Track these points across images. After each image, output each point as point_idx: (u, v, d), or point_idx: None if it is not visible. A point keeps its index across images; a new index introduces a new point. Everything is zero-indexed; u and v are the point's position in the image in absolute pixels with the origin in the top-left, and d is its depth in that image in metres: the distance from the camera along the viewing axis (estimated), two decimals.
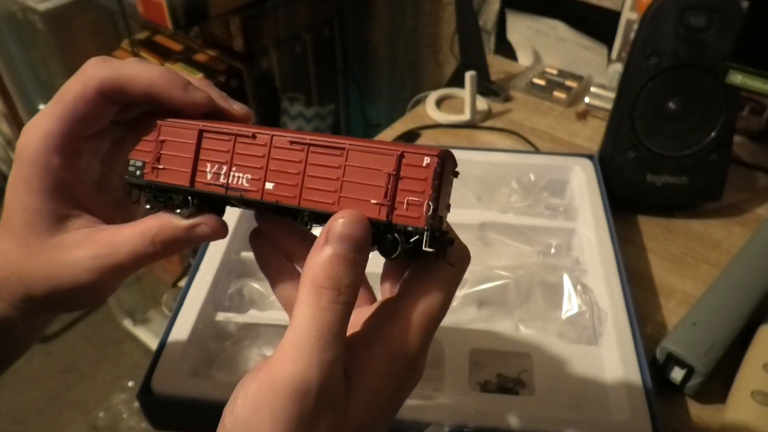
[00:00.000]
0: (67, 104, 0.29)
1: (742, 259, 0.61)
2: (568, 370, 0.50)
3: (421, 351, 0.27)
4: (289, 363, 0.24)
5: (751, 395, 0.48)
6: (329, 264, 0.25)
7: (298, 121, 1.33)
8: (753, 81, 0.56)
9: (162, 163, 0.30)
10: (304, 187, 0.27)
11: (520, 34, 1.02)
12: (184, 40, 1.28)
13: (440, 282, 0.27)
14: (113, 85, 0.29)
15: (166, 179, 0.30)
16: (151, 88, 0.29)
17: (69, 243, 0.30)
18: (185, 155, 0.29)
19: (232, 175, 0.28)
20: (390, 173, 0.25)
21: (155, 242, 0.29)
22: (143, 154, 0.30)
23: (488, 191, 0.66)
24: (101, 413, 1.53)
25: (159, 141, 0.30)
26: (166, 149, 0.30)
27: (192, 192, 0.29)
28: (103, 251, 0.29)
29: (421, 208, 0.25)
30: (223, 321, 0.54)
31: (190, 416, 0.49)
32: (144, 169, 0.30)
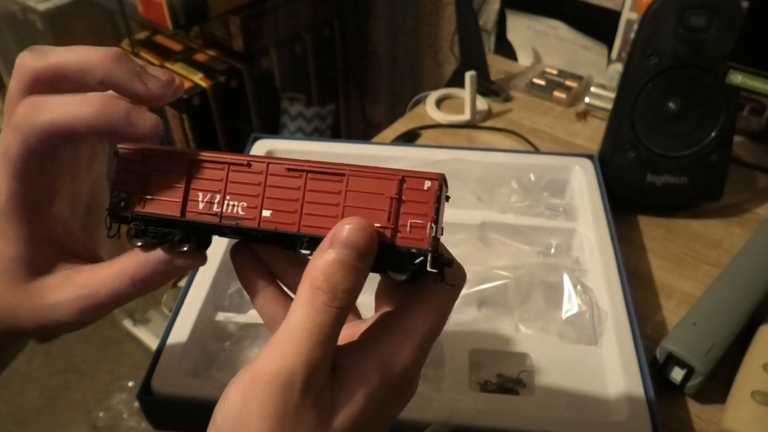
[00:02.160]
0: (14, 165, 0.27)
1: (742, 259, 0.61)
2: (568, 370, 0.50)
3: (415, 366, 0.27)
4: (278, 357, 0.24)
5: (751, 395, 0.48)
6: (329, 268, 0.25)
7: (298, 121, 1.33)
8: (753, 81, 0.56)
9: (150, 194, 0.29)
10: (303, 214, 0.27)
11: (520, 34, 1.02)
12: (184, 40, 1.28)
13: (438, 300, 0.27)
14: (55, 135, 0.27)
15: (155, 210, 0.29)
16: (93, 129, 0.27)
17: (49, 286, 0.30)
18: (175, 185, 0.28)
19: (227, 204, 0.28)
20: (392, 197, 0.26)
21: (134, 282, 0.29)
22: (126, 185, 0.29)
23: (488, 191, 0.66)
24: (101, 413, 1.53)
25: (145, 171, 0.29)
26: (154, 179, 0.29)
27: (183, 222, 0.28)
28: (83, 293, 0.29)
29: (424, 230, 0.26)
30: (223, 321, 0.54)
31: (190, 416, 0.49)
32: (129, 200, 0.29)
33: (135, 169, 0.29)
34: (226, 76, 1.19)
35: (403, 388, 0.27)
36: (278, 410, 0.24)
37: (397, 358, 0.26)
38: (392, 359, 0.26)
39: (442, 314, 0.28)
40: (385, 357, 0.26)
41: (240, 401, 0.24)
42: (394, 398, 0.27)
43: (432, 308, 0.27)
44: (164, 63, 1.21)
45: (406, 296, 0.28)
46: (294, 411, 0.24)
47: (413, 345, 0.27)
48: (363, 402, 0.26)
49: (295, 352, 0.24)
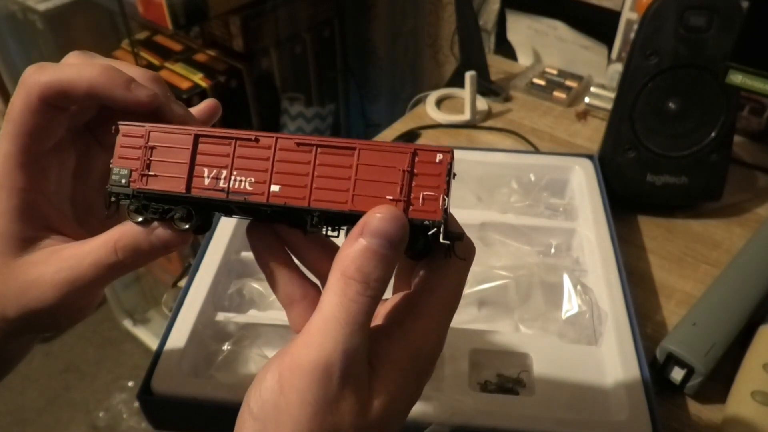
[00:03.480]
0: (15, 121, 0.29)
1: (742, 259, 0.61)
2: (568, 370, 0.50)
3: (440, 344, 0.28)
4: (315, 347, 0.24)
5: (751, 395, 0.48)
6: (361, 257, 0.25)
7: (298, 121, 1.33)
8: (753, 81, 0.56)
9: (153, 170, 0.28)
10: (313, 188, 0.27)
11: (520, 34, 1.02)
12: (184, 40, 1.28)
13: (453, 276, 0.28)
14: (54, 90, 0.28)
15: (159, 186, 0.28)
16: (92, 88, 0.28)
17: (34, 261, 0.29)
18: (180, 161, 0.28)
19: (234, 179, 0.28)
20: (405, 170, 0.26)
21: (117, 249, 0.29)
22: (128, 161, 0.29)
23: (488, 191, 0.66)
24: (101, 413, 1.53)
25: (148, 147, 0.28)
26: (158, 155, 0.28)
27: (188, 199, 0.28)
28: (66, 265, 0.29)
29: (437, 202, 0.26)
30: (223, 321, 0.54)
31: (190, 416, 0.49)
32: (131, 177, 0.29)
33: (136, 145, 0.29)
34: (226, 76, 1.19)
35: (428, 370, 0.28)
36: (318, 399, 0.24)
37: (425, 342, 0.27)
38: (421, 344, 0.27)
39: (458, 293, 0.29)
40: (415, 342, 0.27)
41: (278, 390, 0.24)
42: (421, 380, 0.28)
43: (450, 289, 0.28)
44: (164, 63, 1.21)
45: (424, 277, 0.28)
46: (333, 399, 0.24)
47: (438, 328, 0.28)
48: (397, 388, 0.26)
49: (332, 342, 0.24)
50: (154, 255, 0.29)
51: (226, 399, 0.46)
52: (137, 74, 0.30)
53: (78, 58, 0.30)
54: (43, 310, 0.29)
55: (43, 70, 0.28)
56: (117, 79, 0.28)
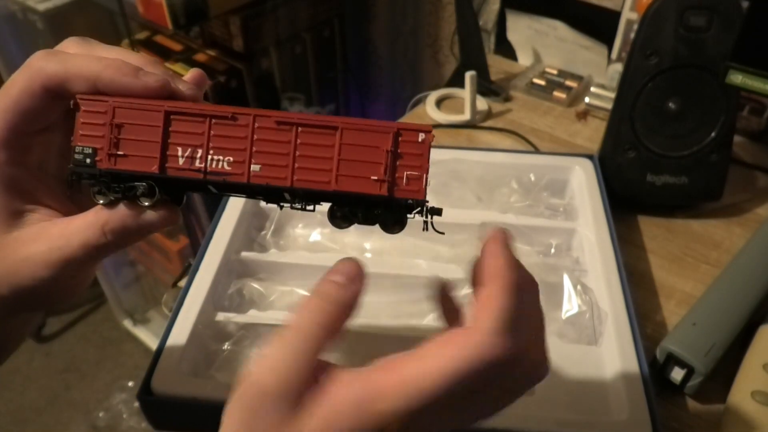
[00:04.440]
0: (11, 97, 0.28)
1: (742, 259, 0.61)
2: (568, 370, 0.50)
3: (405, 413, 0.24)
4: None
5: (751, 395, 0.48)
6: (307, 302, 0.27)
7: None
8: (753, 81, 0.56)
9: (122, 149, 0.27)
10: (296, 168, 0.27)
11: (520, 34, 1.02)
12: (184, 40, 1.27)
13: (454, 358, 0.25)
14: (59, 80, 0.28)
15: (129, 167, 0.27)
16: (98, 80, 0.28)
17: (24, 239, 0.29)
18: (151, 139, 0.27)
19: (210, 159, 0.27)
20: (388, 150, 0.26)
21: (105, 231, 0.28)
22: (91, 139, 0.27)
23: (488, 191, 0.66)
24: (101, 413, 1.53)
25: (114, 125, 0.27)
26: (126, 134, 0.27)
27: (162, 179, 0.27)
28: (55, 243, 0.29)
29: (420, 182, 0.27)
30: (223, 321, 0.54)
31: (190, 416, 0.49)
32: (96, 157, 0.27)
33: (100, 121, 0.27)
34: (226, 76, 1.19)
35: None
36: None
37: (375, 395, 0.25)
38: (369, 393, 0.25)
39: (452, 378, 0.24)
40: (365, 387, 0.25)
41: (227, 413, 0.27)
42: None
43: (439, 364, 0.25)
44: (164, 63, 1.21)
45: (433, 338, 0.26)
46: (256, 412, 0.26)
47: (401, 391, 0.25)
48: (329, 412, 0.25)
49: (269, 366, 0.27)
50: (143, 235, 0.29)
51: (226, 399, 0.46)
52: (138, 61, 0.30)
53: (77, 46, 0.30)
54: (36, 288, 0.30)
55: (50, 58, 0.28)
56: (123, 68, 0.28)
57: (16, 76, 0.29)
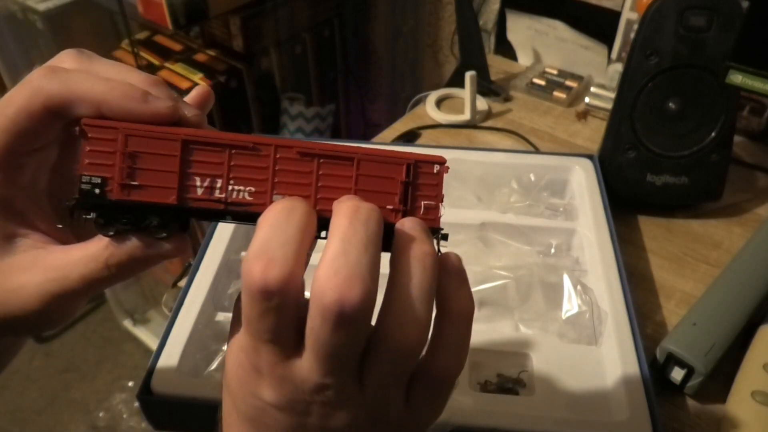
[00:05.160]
0: (8, 117, 0.26)
1: (742, 259, 0.61)
2: (568, 370, 0.50)
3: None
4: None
5: (751, 395, 0.48)
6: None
7: (298, 121, 1.33)
8: (753, 81, 0.56)
9: (137, 179, 0.26)
10: (318, 198, 0.26)
11: (520, 34, 1.02)
12: (184, 40, 1.27)
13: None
14: (61, 101, 0.26)
15: (144, 198, 0.26)
16: (103, 104, 0.26)
17: (15, 267, 0.27)
18: (168, 169, 0.26)
19: (231, 189, 0.26)
20: (403, 181, 0.27)
21: (109, 265, 0.26)
22: (100, 168, 0.25)
23: (488, 191, 0.66)
24: (101, 413, 1.53)
25: (126, 153, 0.25)
26: (140, 163, 0.25)
27: (179, 209, 0.26)
28: (52, 276, 0.27)
29: (437, 211, 0.27)
30: (223, 321, 0.54)
31: (190, 416, 0.49)
32: (106, 187, 0.25)
33: (111, 150, 0.25)
34: (226, 76, 1.19)
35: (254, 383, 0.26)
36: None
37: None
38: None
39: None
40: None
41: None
42: (245, 385, 0.26)
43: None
44: (164, 63, 1.21)
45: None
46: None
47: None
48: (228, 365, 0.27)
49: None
50: (149, 267, 0.28)
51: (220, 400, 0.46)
52: (142, 81, 0.28)
53: (75, 60, 0.28)
54: (25, 318, 0.28)
55: (52, 77, 0.26)
56: (130, 92, 0.26)
57: (14, 94, 0.27)
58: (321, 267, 0.23)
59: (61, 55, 0.29)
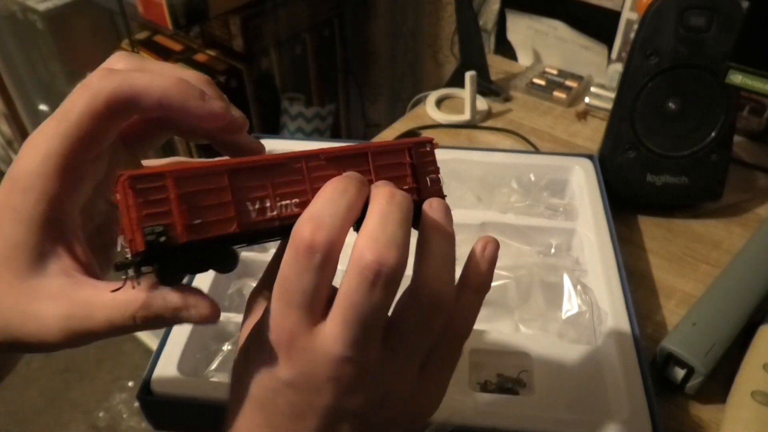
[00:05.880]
0: (71, 122, 0.26)
1: (742, 259, 0.61)
2: (568, 370, 0.50)
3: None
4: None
5: (751, 395, 0.48)
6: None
7: (298, 121, 1.33)
8: (753, 81, 0.56)
9: (200, 217, 0.26)
10: None
11: (520, 34, 1.02)
12: (184, 40, 1.28)
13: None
14: (123, 98, 0.26)
15: (211, 233, 0.26)
16: (164, 99, 0.26)
17: (42, 292, 0.26)
18: (222, 201, 0.26)
19: (279, 205, 0.27)
20: (410, 163, 0.31)
21: (136, 317, 0.26)
22: (157, 216, 0.25)
23: (488, 191, 0.66)
24: (101, 413, 1.53)
25: (182, 195, 0.25)
26: (196, 201, 0.26)
27: (242, 236, 0.27)
28: (78, 313, 0.26)
29: (439, 182, 0.32)
30: (223, 321, 0.54)
31: (190, 416, 0.49)
32: (171, 233, 0.25)
33: (163, 196, 0.25)
34: (226, 76, 1.19)
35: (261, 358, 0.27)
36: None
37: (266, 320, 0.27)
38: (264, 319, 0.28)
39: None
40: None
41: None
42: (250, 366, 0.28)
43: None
44: None
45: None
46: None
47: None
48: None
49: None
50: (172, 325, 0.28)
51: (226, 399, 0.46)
52: (195, 79, 0.28)
53: (127, 61, 0.29)
54: (40, 344, 0.27)
55: (112, 76, 0.26)
56: (190, 90, 0.27)
57: (74, 99, 0.26)
58: (361, 237, 0.25)
59: (113, 58, 0.29)
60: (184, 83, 0.27)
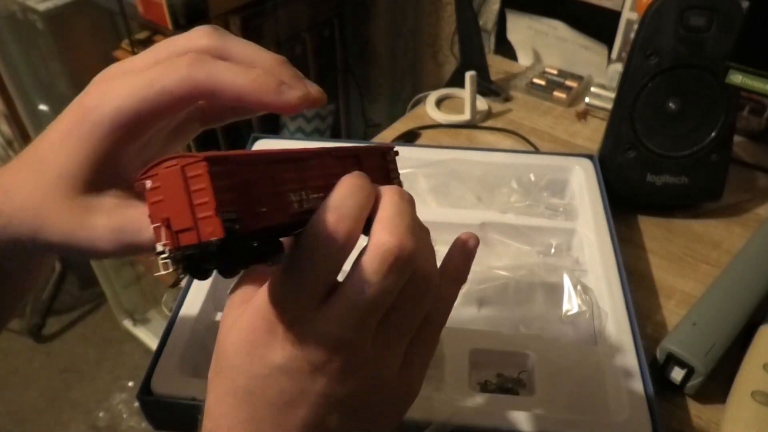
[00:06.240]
0: (154, 90, 0.27)
1: (742, 259, 0.61)
2: (568, 370, 0.50)
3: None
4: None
5: (751, 395, 0.48)
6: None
7: (298, 121, 1.33)
8: (753, 81, 0.56)
9: (263, 206, 0.25)
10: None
11: (520, 34, 1.02)
12: None
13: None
14: (206, 91, 0.28)
15: (268, 222, 0.25)
16: (243, 95, 0.27)
17: (97, 207, 0.29)
18: (278, 190, 0.26)
19: (310, 197, 0.28)
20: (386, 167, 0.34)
21: None
22: (230, 204, 0.23)
23: (488, 191, 0.66)
24: (101, 413, 1.53)
25: (245, 182, 0.24)
26: (260, 189, 0.25)
27: (286, 227, 0.27)
28: (128, 227, 0.29)
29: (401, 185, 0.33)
30: None
31: (190, 416, 0.48)
32: (245, 221, 0.24)
33: (233, 183, 0.24)
34: None
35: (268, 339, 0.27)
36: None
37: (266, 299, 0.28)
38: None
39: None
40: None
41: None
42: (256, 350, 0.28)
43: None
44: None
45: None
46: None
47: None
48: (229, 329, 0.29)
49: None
50: None
51: None
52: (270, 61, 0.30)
53: (210, 38, 0.29)
54: (86, 251, 0.29)
55: (201, 66, 0.27)
56: (269, 85, 0.28)
57: (167, 71, 0.27)
58: (379, 224, 0.27)
59: (198, 32, 0.30)
60: (261, 79, 0.28)
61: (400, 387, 0.30)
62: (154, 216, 0.24)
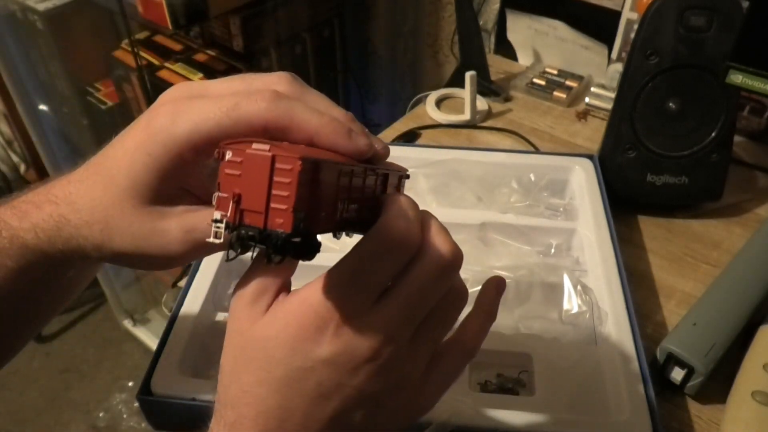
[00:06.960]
0: (230, 118, 0.28)
1: (742, 259, 0.61)
2: (568, 370, 0.50)
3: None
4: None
5: (751, 395, 0.48)
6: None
7: None
8: (753, 81, 0.56)
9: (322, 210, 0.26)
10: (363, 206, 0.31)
11: (520, 34, 1.02)
12: (184, 40, 1.27)
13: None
14: (281, 126, 0.28)
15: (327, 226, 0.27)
16: (316, 135, 0.28)
17: (167, 213, 0.30)
18: (335, 197, 0.27)
19: (348, 207, 0.28)
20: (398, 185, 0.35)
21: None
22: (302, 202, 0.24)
23: (488, 191, 0.66)
24: (101, 413, 1.53)
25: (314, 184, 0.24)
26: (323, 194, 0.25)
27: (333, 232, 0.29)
28: (199, 227, 0.30)
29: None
30: (223, 321, 0.54)
31: (190, 416, 0.49)
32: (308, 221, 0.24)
33: (312, 185, 0.24)
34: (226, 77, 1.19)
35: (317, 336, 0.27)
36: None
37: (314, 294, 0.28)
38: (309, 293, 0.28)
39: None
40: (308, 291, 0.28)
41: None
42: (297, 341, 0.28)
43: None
44: (164, 63, 1.21)
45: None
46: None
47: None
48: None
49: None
50: None
51: None
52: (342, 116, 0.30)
53: (290, 86, 0.30)
54: (161, 257, 0.31)
55: (280, 103, 0.28)
56: (339, 129, 0.29)
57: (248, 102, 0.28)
58: (433, 234, 0.29)
59: (278, 77, 0.31)
60: (334, 122, 0.29)
61: (421, 393, 0.31)
62: (224, 185, 0.24)
